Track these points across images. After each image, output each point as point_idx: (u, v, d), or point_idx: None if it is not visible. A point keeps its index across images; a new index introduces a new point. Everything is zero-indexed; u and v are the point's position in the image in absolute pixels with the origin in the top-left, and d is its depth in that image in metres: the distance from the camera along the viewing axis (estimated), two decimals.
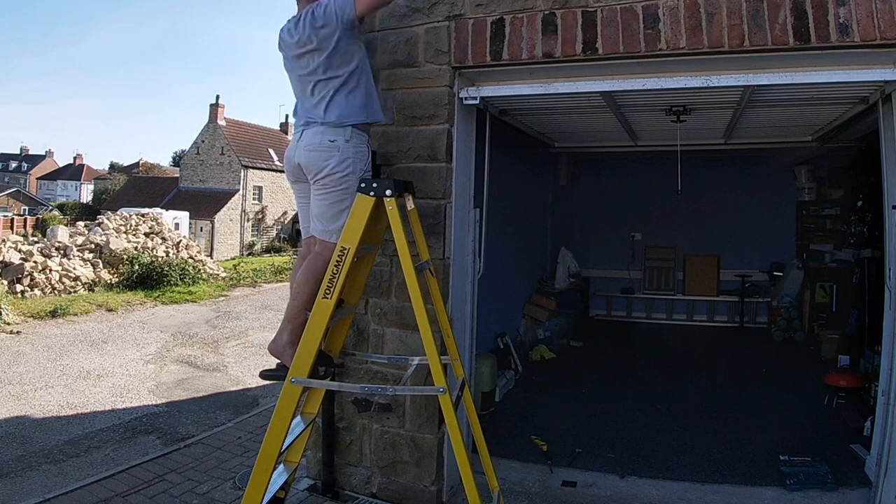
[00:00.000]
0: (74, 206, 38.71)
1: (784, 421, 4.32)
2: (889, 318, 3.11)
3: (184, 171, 32.00)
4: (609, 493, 3.39)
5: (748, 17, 2.67)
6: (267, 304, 12.65)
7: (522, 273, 6.78)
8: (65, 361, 7.47)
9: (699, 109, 4.34)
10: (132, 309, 11.40)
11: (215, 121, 30.66)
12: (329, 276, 2.33)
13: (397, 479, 3.28)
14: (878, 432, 3.16)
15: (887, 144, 3.06)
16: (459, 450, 2.24)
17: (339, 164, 2.52)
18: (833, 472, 3.40)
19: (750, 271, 7.54)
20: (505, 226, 5.27)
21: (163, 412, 5.64)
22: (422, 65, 3.20)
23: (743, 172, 7.30)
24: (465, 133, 3.40)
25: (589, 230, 8.25)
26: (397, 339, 3.25)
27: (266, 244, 30.64)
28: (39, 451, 4.61)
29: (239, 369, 7.38)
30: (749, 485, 3.41)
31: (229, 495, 3.43)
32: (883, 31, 2.52)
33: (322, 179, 2.53)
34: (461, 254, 3.39)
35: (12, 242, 13.23)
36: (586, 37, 2.90)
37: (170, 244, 15.88)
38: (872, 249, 5.20)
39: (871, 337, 4.40)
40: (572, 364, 6.09)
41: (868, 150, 4.45)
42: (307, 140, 2.56)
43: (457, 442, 2.25)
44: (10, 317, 9.45)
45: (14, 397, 5.98)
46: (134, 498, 3.39)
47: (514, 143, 5.39)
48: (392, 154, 3.24)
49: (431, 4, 3.17)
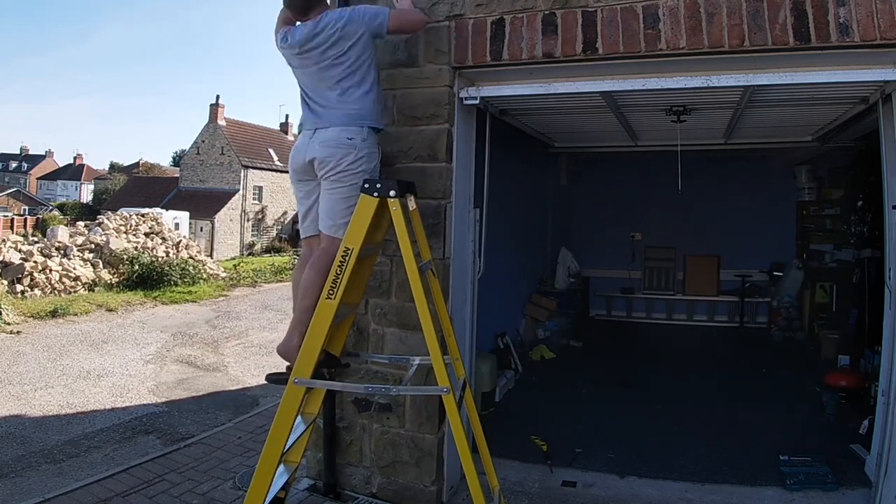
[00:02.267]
0: (74, 206, 38.70)
1: (784, 421, 4.32)
2: (889, 318, 3.11)
3: (184, 171, 32.00)
4: (609, 493, 3.39)
5: (748, 17, 2.67)
6: (267, 304, 12.65)
7: (522, 273, 6.77)
8: (65, 361, 7.47)
9: (699, 109, 4.34)
10: (132, 309, 11.39)
11: (215, 121, 30.65)
12: (332, 276, 2.33)
13: (397, 479, 3.28)
14: (878, 432, 3.16)
15: (887, 144, 3.06)
16: (463, 449, 2.25)
17: (354, 162, 2.55)
18: (833, 472, 3.40)
19: (750, 271, 7.54)
20: (505, 226, 5.27)
21: (163, 412, 5.63)
22: (422, 65, 3.20)
23: (743, 172, 7.30)
24: (465, 133, 3.40)
25: (589, 230, 8.25)
26: (397, 339, 3.25)
27: (266, 244, 30.64)
28: (39, 451, 4.60)
29: (239, 369, 7.38)
30: (749, 485, 3.41)
31: (229, 495, 3.43)
32: (883, 31, 2.52)
33: (336, 175, 2.55)
34: (461, 254, 3.39)
35: (12, 242, 13.23)
36: (586, 37, 2.90)
37: (170, 244, 15.88)
38: (872, 249, 5.20)
39: (871, 337, 4.40)
40: (572, 364, 6.08)
41: (868, 150, 4.45)
42: (324, 136, 2.58)
43: (460, 441, 2.25)
44: (10, 317, 9.45)
45: (14, 397, 5.98)
46: (134, 498, 3.39)
47: (514, 143, 5.39)
48: (392, 154, 3.24)
49: (431, 4, 3.17)
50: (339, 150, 2.55)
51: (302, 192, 2.76)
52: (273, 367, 2.82)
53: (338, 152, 2.54)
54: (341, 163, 2.54)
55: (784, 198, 7.48)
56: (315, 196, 2.70)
